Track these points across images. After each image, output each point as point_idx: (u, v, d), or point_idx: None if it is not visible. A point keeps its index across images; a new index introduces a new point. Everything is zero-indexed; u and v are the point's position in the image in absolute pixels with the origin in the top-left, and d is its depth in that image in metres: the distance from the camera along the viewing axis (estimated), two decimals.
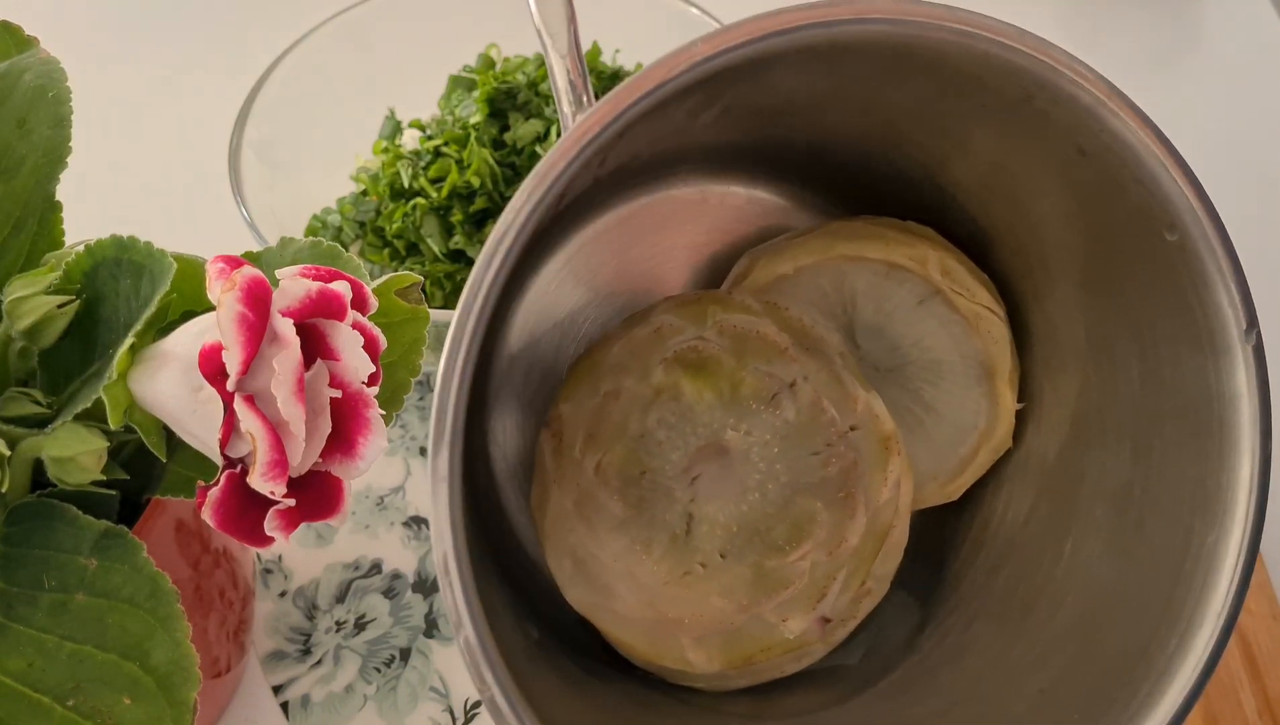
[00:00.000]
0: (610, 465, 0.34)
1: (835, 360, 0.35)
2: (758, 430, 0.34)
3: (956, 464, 0.38)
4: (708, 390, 0.34)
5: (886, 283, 0.37)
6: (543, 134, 0.48)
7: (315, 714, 0.42)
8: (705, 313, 0.35)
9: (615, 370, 0.35)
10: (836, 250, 0.37)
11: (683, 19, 0.54)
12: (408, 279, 0.30)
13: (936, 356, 0.38)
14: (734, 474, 0.34)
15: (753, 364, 0.34)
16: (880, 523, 0.35)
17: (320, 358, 0.24)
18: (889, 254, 0.37)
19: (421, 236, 0.47)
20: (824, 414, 0.34)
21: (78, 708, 0.26)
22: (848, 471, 0.34)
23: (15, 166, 0.30)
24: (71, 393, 0.28)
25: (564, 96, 0.34)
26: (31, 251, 0.31)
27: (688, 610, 0.33)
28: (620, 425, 0.34)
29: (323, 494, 0.25)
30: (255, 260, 0.30)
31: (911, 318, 0.37)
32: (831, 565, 0.34)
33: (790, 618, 0.34)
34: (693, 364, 0.34)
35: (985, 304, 0.37)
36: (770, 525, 0.34)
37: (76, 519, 0.27)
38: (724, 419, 0.34)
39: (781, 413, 0.34)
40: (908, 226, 0.38)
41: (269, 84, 0.51)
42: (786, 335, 0.35)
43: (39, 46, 0.31)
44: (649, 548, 0.33)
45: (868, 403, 0.35)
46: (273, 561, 0.46)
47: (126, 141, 0.62)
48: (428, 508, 0.47)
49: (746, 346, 0.35)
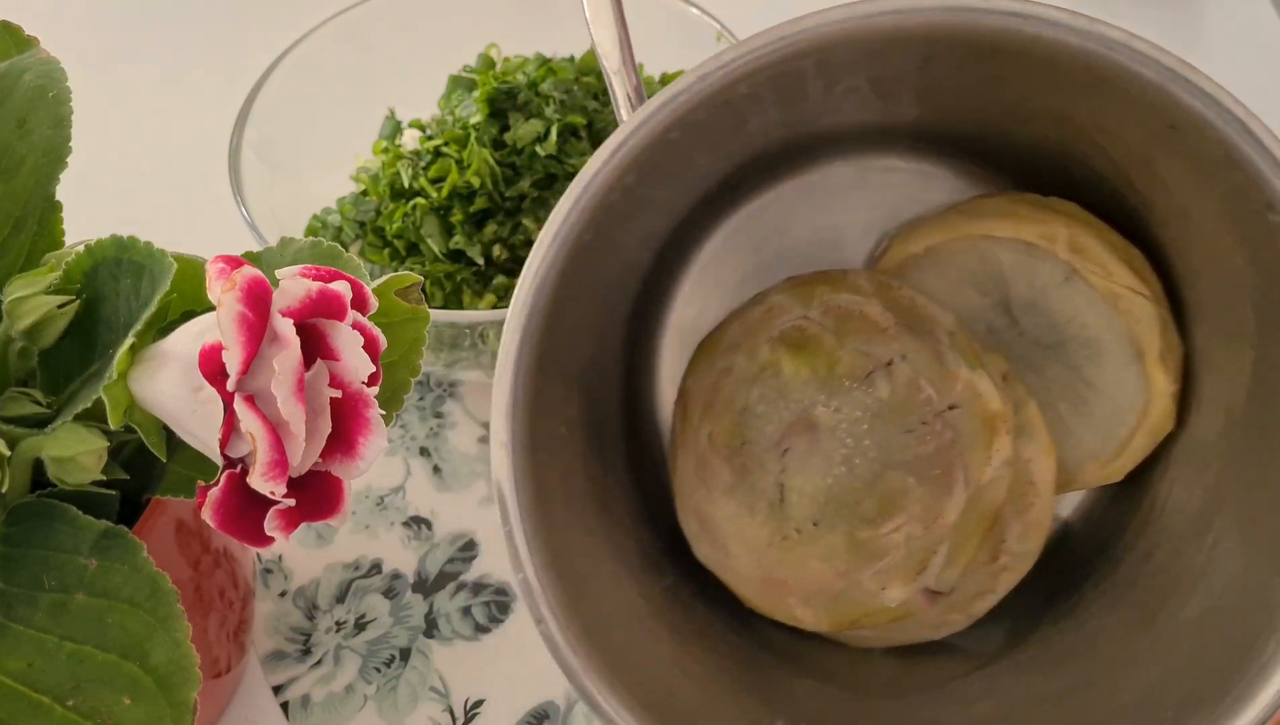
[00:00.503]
0: (719, 435, 0.37)
1: (942, 339, 0.36)
2: (848, 407, 0.35)
3: (1116, 445, 0.37)
4: (804, 368, 0.36)
5: (1029, 260, 0.37)
6: (543, 134, 0.48)
7: (315, 714, 0.42)
8: (813, 293, 0.37)
9: (730, 348, 0.38)
10: (965, 229, 0.37)
11: (683, 19, 0.54)
12: (408, 279, 0.30)
13: (1093, 334, 0.37)
14: (821, 448, 0.35)
15: (851, 343, 0.36)
16: (986, 501, 0.35)
17: (320, 358, 0.24)
18: (1019, 232, 0.37)
19: (421, 236, 0.47)
20: (920, 393, 0.35)
21: (78, 708, 0.26)
22: (944, 449, 0.35)
23: (15, 166, 0.30)
24: (71, 393, 0.28)
25: (622, 107, 0.37)
26: (31, 251, 0.31)
27: (791, 572, 0.36)
28: (729, 399, 0.37)
29: (323, 494, 0.25)
30: (255, 260, 0.30)
31: (1062, 294, 0.37)
32: (929, 539, 0.35)
33: (889, 586, 0.35)
34: (795, 343, 0.36)
35: (1125, 283, 0.36)
36: (858, 498, 0.35)
37: (76, 519, 0.27)
38: (816, 396, 0.36)
39: (875, 391, 0.35)
40: (1048, 203, 0.37)
41: (269, 84, 0.51)
42: (891, 315, 0.36)
43: (39, 46, 0.31)
44: (752, 512, 0.36)
45: (970, 382, 0.35)
46: (273, 561, 0.46)
47: (126, 141, 0.62)
48: (427, 508, 0.47)
49: (848, 326, 0.36)
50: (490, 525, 0.47)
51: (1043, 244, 0.36)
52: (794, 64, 0.31)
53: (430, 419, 0.51)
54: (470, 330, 0.44)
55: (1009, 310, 0.38)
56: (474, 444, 0.50)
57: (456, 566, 0.46)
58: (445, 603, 0.45)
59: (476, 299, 0.47)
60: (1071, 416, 0.38)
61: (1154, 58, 0.29)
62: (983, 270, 0.38)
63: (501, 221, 0.47)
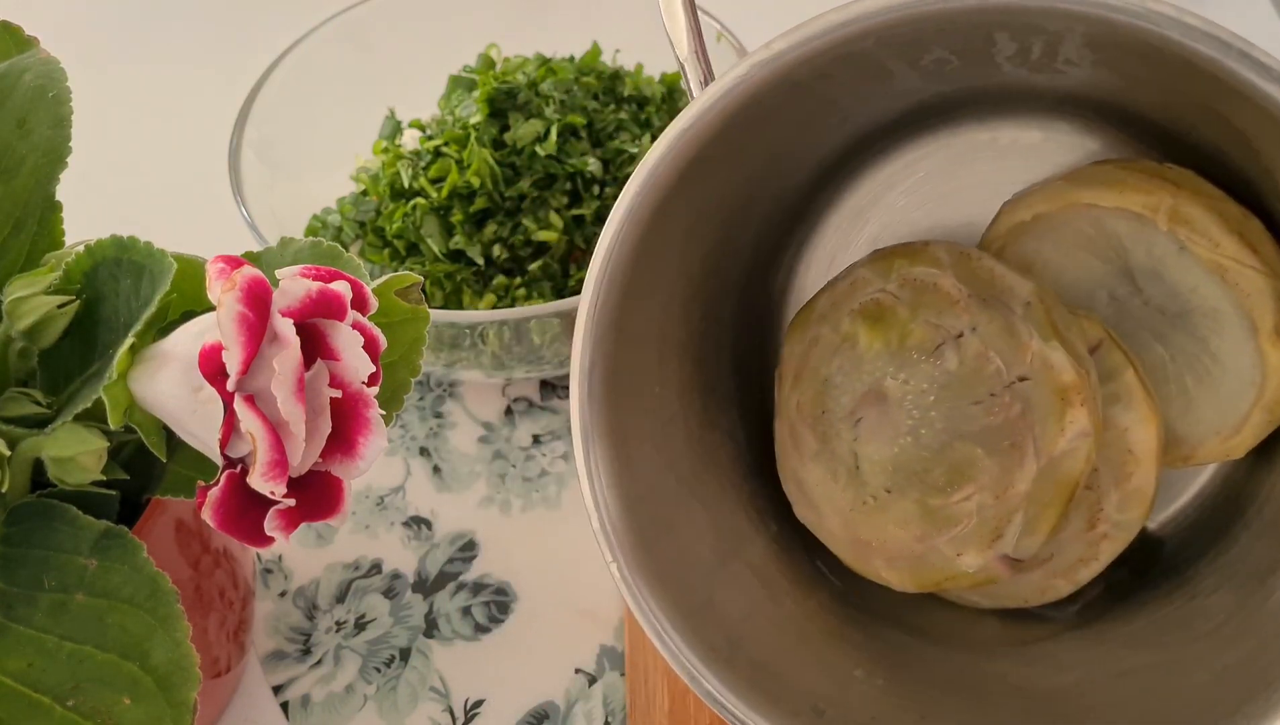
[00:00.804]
0: (804, 404, 0.38)
1: (1015, 311, 0.36)
2: (915, 379, 0.36)
3: (1237, 420, 0.37)
4: (878, 340, 0.37)
5: (1144, 228, 0.37)
6: (543, 134, 0.48)
7: (315, 714, 0.42)
8: (892, 266, 0.38)
9: (819, 319, 0.39)
10: (1071, 197, 0.37)
11: None
12: (408, 279, 0.30)
13: (1214, 305, 0.36)
14: (889, 419, 0.36)
15: (924, 316, 0.36)
16: (1063, 472, 0.35)
17: (320, 358, 0.24)
18: (1123, 201, 0.36)
19: (421, 236, 0.47)
20: (989, 365, 0.35)
21: (78, 708, 0.26)
22: (1013, 421, 0.35)
23: (15, 166, 0.30)
24: (71, 393, 0.28)
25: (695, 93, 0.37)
26: (31, 251, 0.31)
27: (874, 534, 0.37)
28: (815, 369, 0.38)
29: (323, 494, 0.25)
30: (255, 260, 0.30)
31: (1180, 264, 0.37)
32: (1001, 509, 0.35)
33: (964, 553, 0.36)
34: (872, 315, 0.37)
35: (1232, 255, 0.35)
36: (927, 468, 0.36)
37: (76, 519, 0.27)
38: (886, 367, 0.37)
39: (943, 363, 0.36)
40: (1160, 170, 0.37)
41: (269, 84, 0.51)
42: (965, 287, 0.36)
43: (39, 46, 0.31)
44: (835, 477, 0.37)
45: (1041, 353, 0.35)
46: (273, 561, 0.46)
47: (126, 141, 0.62)
48: (427, 508, 0.47)
49: (922, 298, 0.37)
50: (490, 525, 0.47)
51: (1146, 214, 0.36)
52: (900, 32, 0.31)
53: (430, 419, 0.51)
54: (470, 330, 0.44)
55: (1132, 278, 0.37)
56: (474, 444, 0.50)
57: (456, 566, 0.46)
58: (445, 603, 0.45)
59: (476, 299, 0.47)
60: (1196, 388, 0.37)
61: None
62: (1100, 237, 0.37)
63: (501, 221, 0.47)
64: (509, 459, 0.49)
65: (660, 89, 0.52)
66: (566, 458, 0.49)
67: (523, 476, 0.48)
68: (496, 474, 0.48)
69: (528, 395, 0.51)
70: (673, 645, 0.33)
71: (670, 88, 0.52)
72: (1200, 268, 0.36)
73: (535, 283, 0.47)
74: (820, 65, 0.32)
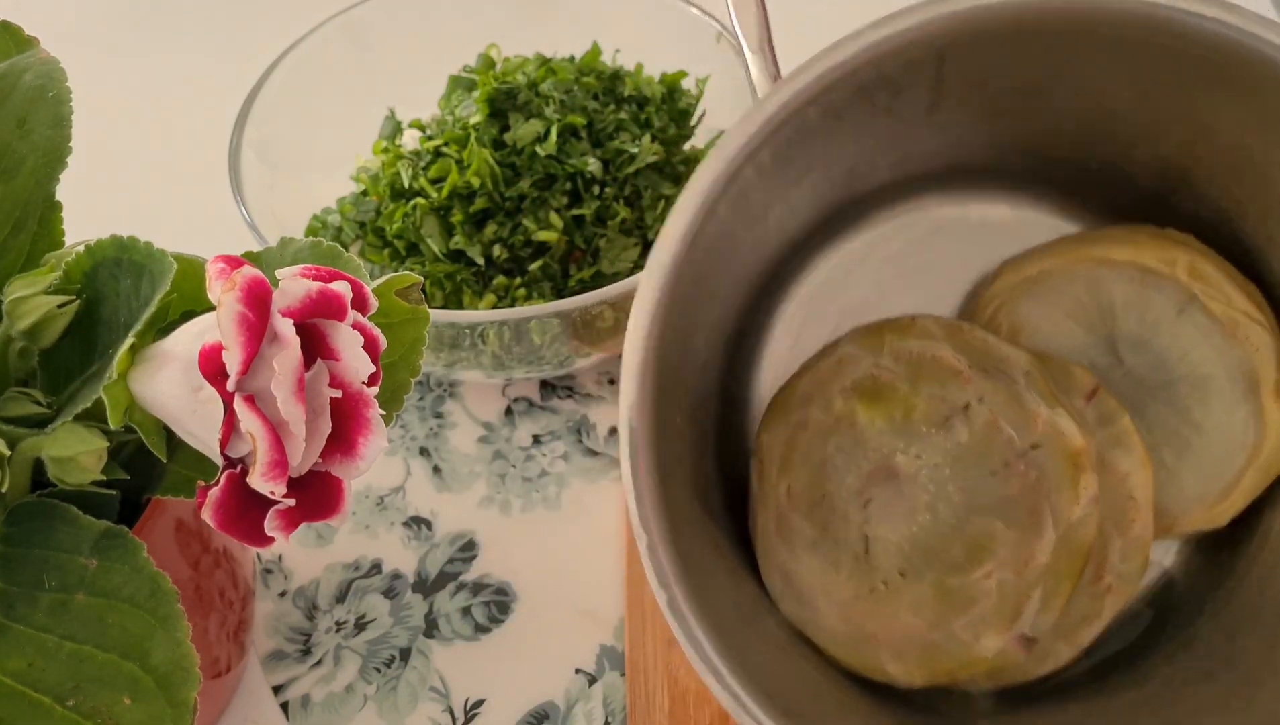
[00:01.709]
0: (798, 490, 0.36)
1: (1018, 380, 0.35)
2: (928, 453, 0.35)
3: (1223, 486, 0.37)
4: (880, 417, 0.36)
5: (1144, 291, 0.37)
6: (543, 134, 0.48)
7: (315, 714, 0.42)
8: (882, 341, 0.37)
9: (803, 401, 0.37)
10: (1082, 252, 0.37)
11: (683, 19, 0.54)
12: (408, 279, 0.30)
13: (1203, 371, 0.36)
14: (904, 496, 0.35)
15: (926, 389, 0.36)
16: (1077, 539, 0.34)
17: (320, 358, 0.24)
18: (1138, 256, 0.36)
19: (421, 236, 0.47)
20: (1000, 434, 0.35)
21: (78, 708, 0.26)
22: (1030, 490, 0.34)
23: (15, 166, 0.30)
24: (71, 393, 0.28)
25: (759, 88, 0.37)
26: (31, 251, 0.31)
27: (880, 626, 0.35)
28: (805, 453, 0.37)
29: (323, 494, 0.25)
30: (255, 260, 0.30)
31: (1174, 329, 0.37)
32: (1022, 584, 0.34)
33: (984, 636, 0.34)
34: (868, 392, 0.36)
35: (1244, 310, 0.36)
36: (946, 545, 0.34)
37: (76, 519, 0.27)
38: (894, 443, 0.35)
39: (954, 435, 0.35)
40: (1164, 233, 0.37)
41: (269, 84, 0.51)
42: (964, 357, 0.36)
43: (39, 46, 0.31)
44: (837, 566, 0.35)
45: (1050, 420, 0.35)
46: (273, 561, 0.46)
47: (126, 141, 0.62)
48: (427, 508, 0.47)
49: (921, 372, 0.36)
50: (490, 525, 0.47)
51: (1163, 268, 0.36)
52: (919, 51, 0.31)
53: (430, 419, 0.51)
54: (470, 330, 0.44)
55: (1115, 348, 0.38)
56: (474, 444, 0.50)
57: (456, 566, 0.46)
58: (445, 603, 0.45)
59: (476, 299, 0.47)
60: (1175, 461, 0.37)
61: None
62: (1092, 303, 0.37)
63: (501, 221, 0.47)
64: (509, 459, 0.49)
65: (660, 89, 0.52)
66: (566, 458, 0.49)
67: (523, 476, 0.48)
68: (496, 474, 0.48)
69: (528, 395, 0.51)
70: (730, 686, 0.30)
71: (670, 88, 0.52)
72: (1197, 329, 0.36)
73: (535, 283, 0.47)
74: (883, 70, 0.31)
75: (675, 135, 0.51)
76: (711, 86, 0.53)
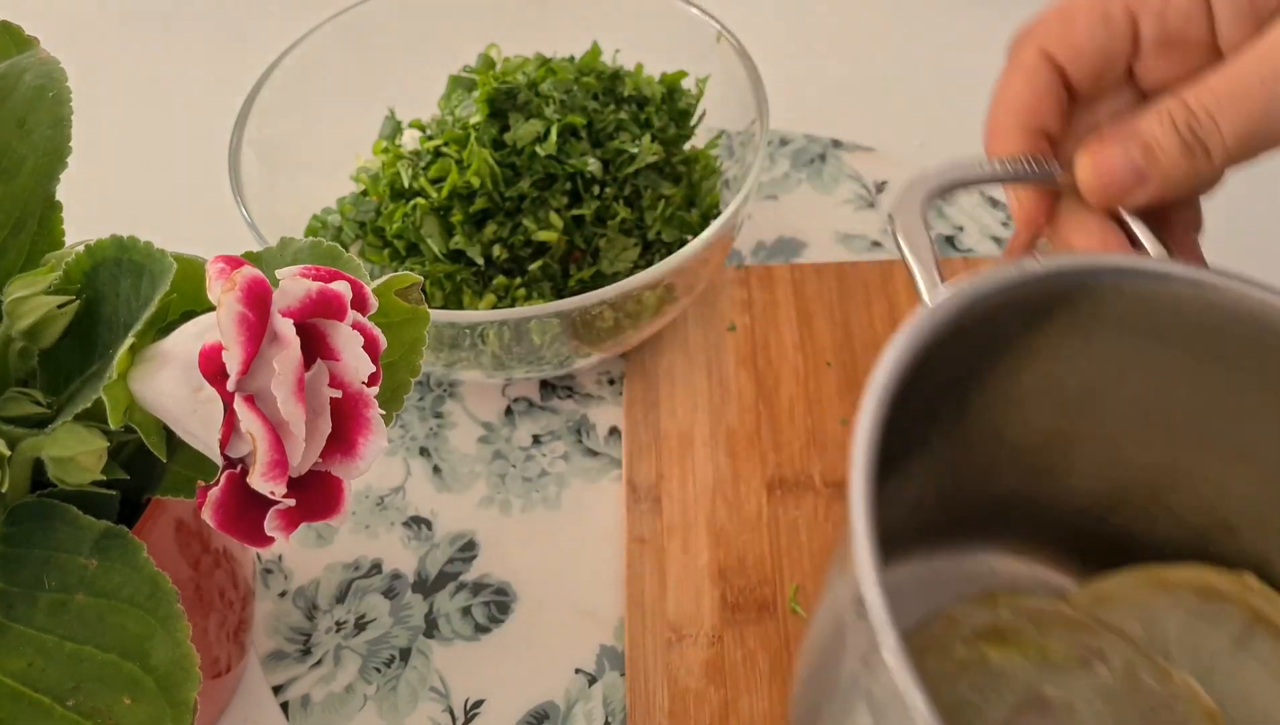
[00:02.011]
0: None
1: (1136, 642, 0.35)
2: (1077, 686, 0.34)
3: None
4: (1015, 655, 0.35)
5: (1200, 622, 0.36)
6: (542, 134, 0.48)
7: (315, 714, 0.42)
8: (995, 601, 0.37)
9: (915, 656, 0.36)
10: (1144, 573, 0.37)
11: (683, 19, 0.54)
12: (408, 279, 0.30)
13: (1267, 714, 0.35)
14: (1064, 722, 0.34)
15: (1057, 634, 0.35)
16: None
17: (320, 358, 0.24)
18: (1203, 576, 0.36)
19: (421, 237, 0.47)
20: (1142, 679, 0.34)
21: (78, 708, 0.26)
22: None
23: (15, 166, 0.30)
24: (71, 393, 0.28)
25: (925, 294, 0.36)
26: (31, 251, 0.31)
27: None
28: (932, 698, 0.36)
29: (323, 494, 0.25)
30: (255, 260, 0.30)
31: (1230, 666, 0.36)
32: None
33: None
34: (996, 636, 0.36)
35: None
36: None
37: (76, 519, 0.27)
38: (1038, 677, 0.35)
39: (1097, 674, 0.34)
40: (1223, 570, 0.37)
41: (269, 84, 0.51)
42: (1084, 613, 0.36)
43: (39, 46, 0.31)
44: None
45: (1184, 679, 0.35)
46: (273, 561, 0.46)
47: (126, 141, 0.62)
48: (427, 508, 0.47)
49: (1046, 620, 0.36)
50: (490, 525, 0.47)
51: (1230, 589, 0.36)
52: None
53: (430, 419, 0.51)
54: (470, 330, 0.44)
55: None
56: (474, 444, 0.50)
57: (456, 566, 0.46)
58: (445, 603, 0.45)
59: (476, 299, 0.47)
60: None
61: None
62: (1147, 637, 0.37)
63: (501, 222, 0.47)
64: (509, 459, 0.49)
65: (660, 89, 0.52)
66: (566, 458, 0.49)
67: (523, 477, 0.48)
68: (496, 474, 0.48)
69: (528, 395, 0.51)
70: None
71: (670, 88, 0.52)
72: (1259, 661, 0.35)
73: (535, 283, 0.47)
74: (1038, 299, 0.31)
75: (675, 135, 0.51)
76: (711, 86, 0.53)
